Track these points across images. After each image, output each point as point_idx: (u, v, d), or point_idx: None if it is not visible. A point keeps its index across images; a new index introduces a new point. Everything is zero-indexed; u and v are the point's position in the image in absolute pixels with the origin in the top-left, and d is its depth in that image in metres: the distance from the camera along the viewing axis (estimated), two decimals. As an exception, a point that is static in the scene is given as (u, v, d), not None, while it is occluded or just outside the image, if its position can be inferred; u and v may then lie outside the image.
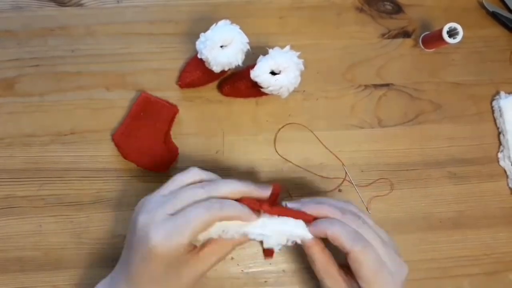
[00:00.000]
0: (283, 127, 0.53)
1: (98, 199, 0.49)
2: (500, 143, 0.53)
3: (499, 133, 0.53)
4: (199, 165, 0.51)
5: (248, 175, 0.51)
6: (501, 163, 0.51)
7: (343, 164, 0.52)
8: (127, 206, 0.50)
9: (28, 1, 0.54)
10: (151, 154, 0.49)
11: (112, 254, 0.48)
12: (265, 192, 0.38)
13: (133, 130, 0.49)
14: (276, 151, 0.52)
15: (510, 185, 0.52)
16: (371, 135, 0.54)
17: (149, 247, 0.33)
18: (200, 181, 0.38)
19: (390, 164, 0.53)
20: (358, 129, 0.54)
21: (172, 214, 0.35)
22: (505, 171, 0.52)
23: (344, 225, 0.36)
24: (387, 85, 0.56)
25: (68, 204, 0.49)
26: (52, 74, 0.52)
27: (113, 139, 0.50)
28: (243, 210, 0.37)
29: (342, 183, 0.52)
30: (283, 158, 0.52)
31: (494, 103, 0.52)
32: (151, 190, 0.50)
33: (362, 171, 0.53)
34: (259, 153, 0.52)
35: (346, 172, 0.52)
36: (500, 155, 0.52)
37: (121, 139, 0.49)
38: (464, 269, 0.52)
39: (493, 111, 0.52)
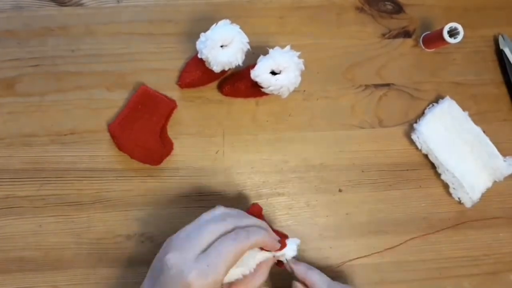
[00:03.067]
0: (283, 127, 0.53)
1: (98, 199, 0.49)
2: (431, 163, 0.53)
3: (425, 155, 0.53)
4: (199, 165, 0.51)
5: (248, 175, 0.52)
6: (443, 177, 0.52)
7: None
8: (127, 206, 0.50)
9: (29, 1, 0.54)
10: (145, 146, 0.49)
11: (112, 254, 0.48)
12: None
13: (130, 122, 0.49)
14: (276, 151, 0.52)
15: (454, 195, 0.52)
16: (372, 135, 0.54)
17: (187, 285, 0.33)
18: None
19: (390, 164, 0.53)
20: (358, 129, 0.54)
21: (203, 251, 0.35)
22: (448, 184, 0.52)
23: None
24: (387, 85, 0.56)
25: (68, 204, 0.49)
26: (52, 74, 0.52)
27: (109, 130, 0.50)
28: (268, 235, 0.39)
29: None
30: (283, 158, 0.52)
31: (412, 135, 0.53)
32: (151, 190, 0.50)
33: (362, 171, 0.53)
34: (259, 153, 0.52)
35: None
36: (439, 171, 0.52)
37: (117, 129, 0.49)
38: (464, 269, 0.52)
39: (413, 141, 0.53)
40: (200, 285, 0.33)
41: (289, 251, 0.43)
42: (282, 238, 0.43)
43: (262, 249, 0.41)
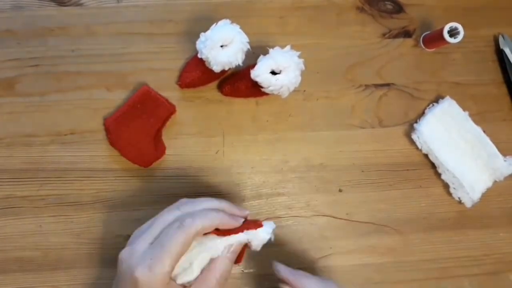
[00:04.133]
0: (283, 127, 0.53)
1: (98, 199, 0.49)
2: (431, 163, 0.53)
3: (425, 155, 0.53)
4: (199, 165, 0.51)
5: (248, 175, 0.52)
6: (443, 177, 0.52)
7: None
8: (126, 206, 0.50)
9: (29, 1, 0.54)
10: (137, 146, 0.49)
11: (112, 254, 0.48)
12: (242, 212, 0.38)
13: (127, 120, 0.49)
14: (276, 151, 0.52)
15: (454, 195, 0.52)
16: (372, 135, 0.54)
17: (134, 281, 0.32)
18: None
19: (390, 164, 0.53)
20: (358, 129, 0.54)
21: (151, 243, 0.34)
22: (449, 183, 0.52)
23: None
24: (387, 85, 0.56)
25: (68, 204, 0.49)
26: (52, 74, 0.52)
27: (104, 123, 0.50)
28: (219, 216, 0.35)
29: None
30: (283, 158, 0.52)
31: (412, 135, 0.53)
32: (151, 190, 0.50)
33: (362, 171, 0.53)
34: (259, 153, 0.52)
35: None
36: (439, 171, 0.52)
37: (113, 124, 0.49)
38: (465, 269, 0.52)
39: (413, 141, 0.53)
40: (146, 279, 0.32)
41: (263, 233, 0.39)
42: (257, 221, 0.39)
43: (236, 231, 0.37)
